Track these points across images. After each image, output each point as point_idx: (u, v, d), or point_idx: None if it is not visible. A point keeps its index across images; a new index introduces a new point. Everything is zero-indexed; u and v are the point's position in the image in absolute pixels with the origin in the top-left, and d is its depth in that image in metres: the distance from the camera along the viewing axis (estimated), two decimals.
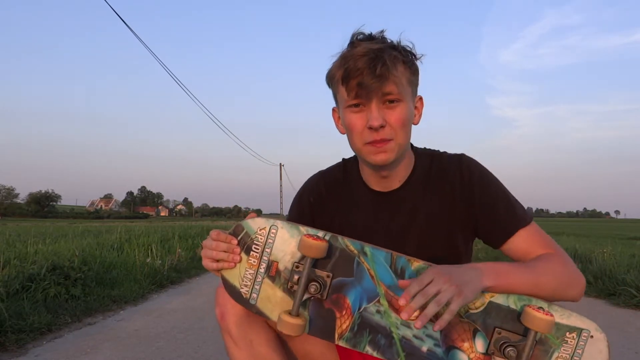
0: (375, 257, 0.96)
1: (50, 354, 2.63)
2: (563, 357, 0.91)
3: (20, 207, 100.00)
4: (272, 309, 0.97)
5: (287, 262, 0.97)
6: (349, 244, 0.97)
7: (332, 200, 1.17)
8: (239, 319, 1.02)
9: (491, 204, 1.06)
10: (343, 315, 0.96)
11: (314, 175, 1.23)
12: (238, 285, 0.97)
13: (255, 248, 0.97)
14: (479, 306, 0.93)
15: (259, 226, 0.98)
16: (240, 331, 1.02)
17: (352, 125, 1.02)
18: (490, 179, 1.09)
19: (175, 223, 21.06)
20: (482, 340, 0.93)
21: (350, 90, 0.99)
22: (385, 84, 0.97)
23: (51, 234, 10.87)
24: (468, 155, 1.13)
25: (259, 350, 1.03)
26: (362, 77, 0.96)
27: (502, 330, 0.92)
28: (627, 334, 3.31)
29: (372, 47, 0.98)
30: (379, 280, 0.95)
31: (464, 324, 0.93)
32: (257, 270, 0.97)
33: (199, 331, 3.19)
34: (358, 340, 0.95)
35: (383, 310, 0.95)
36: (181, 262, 6.63)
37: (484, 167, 1.11)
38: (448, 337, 0.94)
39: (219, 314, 1.04)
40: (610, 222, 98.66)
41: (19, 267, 4.18)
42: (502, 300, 0.93)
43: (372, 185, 1.13)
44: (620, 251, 7.43)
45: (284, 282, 0.96)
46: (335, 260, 0.96)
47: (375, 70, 0.96)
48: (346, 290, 0.96)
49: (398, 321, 0.94)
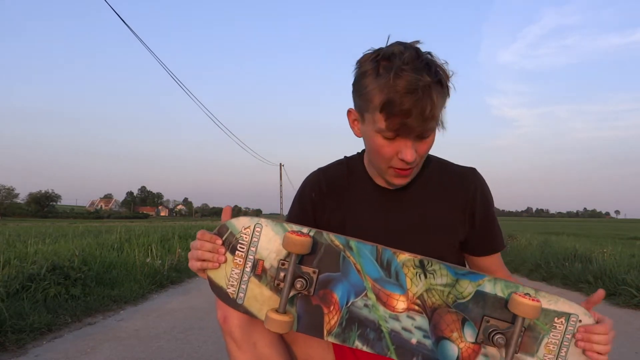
0: (360, 251, 0.96)
1: (50, 354, 2.63)
2: (553, 342, 0.91)
3: (20, 207, 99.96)
4: (259, 308, 0.96)
5: (272, 260, 0.96)
6: (334, 239, 0.97)
7: (334, 195, 1.17)
8: (241, 322, 1.01)
9: (489, 223, 1.14)
10: (331, 310, 0.95)
11: (314, 171, 1.22)
12: (225, 286, 0.97)
13: (240, 247, 0.97)
14: (467, 295, 0.93)
15: (243, 225, 0.97)
16: (244, 334, 1.01)
17: (381, 151, 1.00)
18: (492, 201, 1.17)
19: (175, 223, 21.07)
20: (471, 330, 0.93)
21: (391, 124, 0.94)
22: (429, 125, 0.95)
23: (51, 234, 10.87)
24: (479, 171, 1.17)
25: (262, 352, 1.02)
26: (408, 119, 0.92)
27: (491, 318, 0.92)
28: (627, 334, 3.31)
29: (419, 81, 0.90)
30: (365, 274, 0.95)
31: (452, 314, 0.93)
32: (242, 269, 0.96)
33: (199, 331, 3.19)
34: (347, 335, 0.95)
35: (371, 304, 0.95)
36: (181, 262, 6.63)
37: (489, 189, 1.17)
38: (437, 328, 0.93)
39: (221, 317, 1.02)
40: (610, 222, 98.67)
41: (19, 267, 4.18)
42: (489, 289, 0.93)
43: (378, 181, 1.14)
44: (620, 251, 7.43)
45: (271, 280, 0.96)
46: (320, 256, 0.96)
47: (424, 114, 0.92)
48: (333, 286, 0.96)
49: (386, 314, 0.94)
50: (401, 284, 0.95)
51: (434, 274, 0.95)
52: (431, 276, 0.94)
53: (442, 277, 0.94)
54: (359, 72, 1.00)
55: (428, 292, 0.94)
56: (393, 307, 0.94)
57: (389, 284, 0.95)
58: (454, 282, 0.94)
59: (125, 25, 9.24)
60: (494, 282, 0.93)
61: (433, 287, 0.94)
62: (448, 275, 0.94)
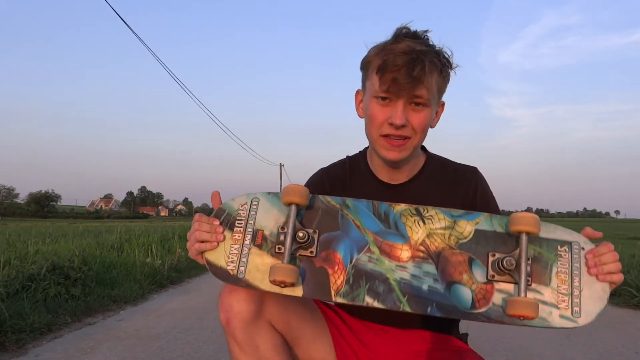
0: (357, 207, 0.97)
1: (50, 353, 2.63)
2: (563, 271, 0.90)
3: (20, 207, 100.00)
4: (261, 278, 0.94)
5: (272, 227, 0.96)
6: (330, 200, 0.98)
7: (336, 193, 1.17)
8: (245, 324, 1.00)
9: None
10: (336, 270, 0.94)
11: (316, 172, 1.25)
12: (224, 264, 0.95)
13: (238, 224, 0.97)
14: (467, 235, 0.93)
15: (240, 202, 0.98)
16: (247, 336, 1.01)
17: (374, 115, 1.05)
18: (492, 199, 1.18)
19: (175, 223, 21.08)
20: (480, 269, 0.92)
21: (383, 82, 1.00)
22: (417, 87, 0.99)
23: (51, 234, 10.88)
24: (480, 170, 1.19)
25: (265, 355, 1.02)
26: (398, 74, 0.98)
27: (496, 253, 0.92)
28: (627, 334, 3.31)
29: (415, 47, 0.99)
30: (365, 229, 0.95)
31: (458, 255, 0.93)
32: (242, 243, 0.96)
33: (199, 331, 3.19)
34: (356, 293, 0.93)
35: (375, 257, 0.94)
36: (181, 262, 6.64)
37: (490, 187, 1.19)
38: (445, 272, 0.92)
39: (224, 319, 1.01)
40: (610, 222, 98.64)
41: (19, 267, 4.18)
42: (487, 226, 0.93)
43: (380, 176, 1.16)
44: (620, 251, 7.36)
45: (271, 247, 0.95)
46: (319, 218, 0.97)
47: (412, 71, 0.97)
48: (335, 245, 0.95)
49: (392, 265, 0.93)
50: (402, 233, 0.95)
51: (432, 219, 0.95)
52: (429, 221, 0.95)
53: (440, 221, 0.95)
54: (368, 52, 1.08)
55: (429, 237, 0.94)
56: (398, 257, 0.94)
57: (390, 235, 0.95)
58: (452, 224, 0.95)
59: (125, 25, 9.25)
60: (490, 218, 0.95)
61: (433, 232, 0.94)
62: (445, 218, 0.95)
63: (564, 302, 0.89)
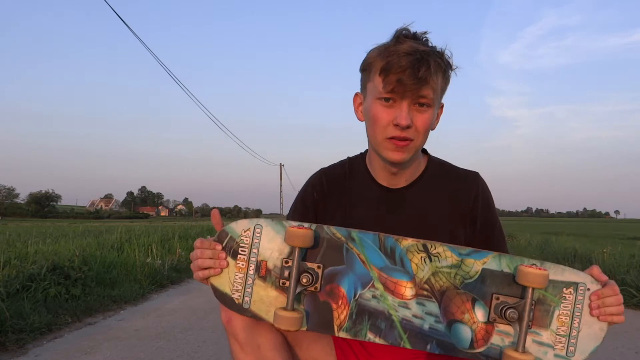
0: (363, 241, 0.95)
1: (51, 353, 2.63)
2: (564, 314, 0.91)
3: (20, 207, 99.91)
4: (266, 310, 0.95)
5: (275, 259, 0.95)
6: (336, 232, 0.96)
7: (335, 195, 1.18)
8: (246, 324, 1.00)
9: (490, 227, 1.15)
10: (340, 305, 0.94)
11: (316, 172, 1.24)
12: (229, 292, 0.96)
13: (242, 251, 0.96)
14: (474, 275, 0.93)
15: (243, 228, 0.96)
16: (248, 336, 1.01)
17: (378, 117, 1.03)
18: (494, 206, 1.18)
19: (175, 223, 21.05)
20: (482, 309, 0.92)
21: (388, 84, 0.99)
22: (423, 88, 0.99)
23: (51, 234, 10.87)
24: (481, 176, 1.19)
25: (266, 355, 1.02)
26: (403, 75, 0.97)
27: (500, 295, 0.91)
28: (627, 334, 3.31)
29: (418, 47, 0.99)
30: (370, 264, 0.94)
31: (462, 295, 0.93)
32: (246, 272, 0.95)
33: (199, 331, 3.19)
34: (358, 328, 0.93)
35: (379, 294, 0.93)
36: (181, 262, 6.64)
37: (491, 193, 1.19)
38: (448, 311, 0.92)
39: (225, 318, 1.02)
40: (610, 222, 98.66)
41: (19, 267, 4.18)
42: (495, 266, 0.92)
43: (380, 180, 1.15)
44: (620, 251, 7.42)
45: (275, 280, 0.95)
46: (324, 251, 0.95)
47: (418, 72, 0.97)
48: (339, 279, 0.94)
49: (395, 303, 0.93)
50: (407, 270, 0.94)
51: (439, 256, 0.94)
52: (436, 259, 0.94)
53: (447, 259, 0.94)
54: (367, 54, 1.07)
55: (435, 276, 0.93)
56: (401, 294, 0.93)
57: (395, 272, 0.94)
58: (459, 262, 0.93)
59: (125, 25, 9.25)
60: (498, 258, 0.93)
61: (439, 270, 0.93)
62: (452, 256, 0.94)
63: (561, 343, 0.90)
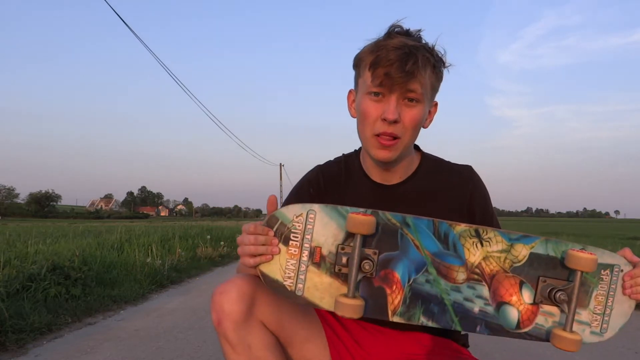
0: (417, 226, 0.96)
1: (51, 353, 2.63)
2: (601, 294, 0.95)
3: (20, 207, 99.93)
4: (320, 296, 0.94)
5: (330, 245, 0.94)
6: (391, 217, 0.96)
7: (331, 193, 1.18)
8: (236, 325, 1.00)
9: (487, 220, 1.15)
10: (394, 290, 0.95)
11: (312, 169, 1.24)
12: (281, 279, 0.94)
13: (294, 237, 0.94)
14: (522, 259, 0.95)
15: (295, 213, 0.94)
16: (238, 336, 1.00)
17: (367, 112, 1.04)
18: (489, 198, 1.18)
19: (175, 223, 21.06)
20: (529, 291, 0.95)
21: (376, 77, 1.00)
22: (410, 81, 0.99)
23: (51, 234, 10.86)
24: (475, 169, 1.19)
25: (257, 355, 1.02)
26: (391, 69, 0.98)
27: (547, 278, 0.95)
28: (627, 334, 3.30)
29: (407, 42, 1.00)
30: (424, 250, 0.95)
31: (510, 279, 0.95)
32: (299, 259, 0.94)
33: (199, 331, 3.19)
34: (412, 312, 0.95)
35: (432, 278, 0.95)
36: (181, 262, 6.63)
37: (485, 186, 1.19)
38: (497, 294, 0.95)
39: (216, 319, 1.01)
40: (610, 222, 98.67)
41: (19, 267, 4.18)
42: (542, 250, 0.96)
43: (374, 177, 1.15)
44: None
45: (330, 266, 0.94)
46: (379, 236, 0.95)
47: (405, 65, 0.97)
48: (393, 265, 0.95)
49: (448, 287, 0.95)
50: (459, 255, 0.96)
51: (490, 241, 0.96)
52: (487, 244, 0.96)
53: (497, 244, 0.96)
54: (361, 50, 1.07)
55: (485, 260, 0.96)
56: (454, 279, 0.95)
57: (448, 257, 0.96)
58: (509, 247, 0.96)
59: (125, 25, 9.25)
60: (545, 243, 0.96)
61: (490, 255, 0.96)
62: (503, 241, 0.96)
63: (596, 321, 0.96)
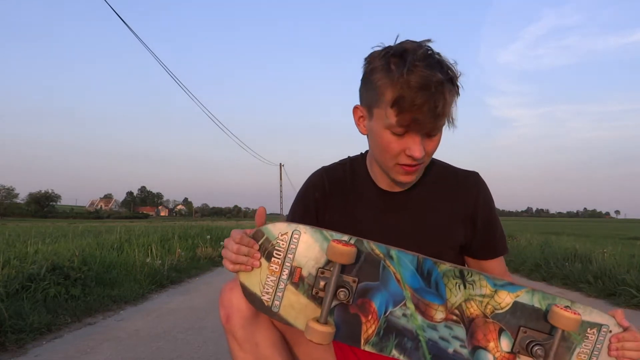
0: (401, 260, 0.95)
1: (50, 353, 2.63)
2: (584, 352, 0.93)
3: (20, 207, 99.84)
4: (295, 316, 0.95)
5: (311, 267, 0.94)
6: (375, 248, 0.95)
7: (336, 196, 1.17)
8: (244, 321, 1.00)
9: (491, 228, 1.14)
10: (369, 320, 0.94)
11: (317, 170, 1.22)
12: (259, 293, 0.95)
13: (276, 254, 0.95)
14: (505, 306, 0.94)
15: (280, 231, 0.95)
16: (246, 333, 1.01)
17: (389, 147, 0.99)
18: (494, 206, 1.17)
19: (175, 223, 21.03)
20: (507, 340, 0.93)
21: (402, 120, 0.94)
22: (439, 122, 0.96)
23: (51, 234, 10.86)
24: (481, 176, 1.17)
25: (264, 353, 1.02)
26: (419, 114, 0.92)
27: (528, 329, 0.93)
28: None
29: (432, 77, 0.91)
30: (405, 284, 0.94)
31: (490, 324, 0.94)
32: (279, 277, 0.95)
33: (199, 331, 3.19)
34: (384, 344, 0.94)
35: (409, 313, 0.94)
36: (181, 262, 6.62)
37: (491, 193, 1.18)
38: (474, 338, 0.94)
39: (224, 316, 1.01)
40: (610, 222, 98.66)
41: (18, 267, 4.17)
42: (527, 300, 0.94)
43: (380, 183, 1.14)
44: (620, 251, 7.42)
45: (308, 288, 0.94)
46: (360, 265, 0.94)
47: (435, 110, 0.92)
48: (372, 295, 0.95)
49: (424, 324, 0.94)
50: (441, 294, 0.95)
51: (473, 284, 0.95)
52: (470, 287, 0.95)
53: (481, 288, 0.95)
54: (368, 68, 1.00)
55: (467, 302, 0.95)
56: (431, 316, 0.94)
57: (429, 294, 0.95)
58: (492, 292, 0.95)
59: (124, 24, 9.25)
60: (531, 293, 0.94)
61: (472, 298, 0.95)
62: (487, 286, 0.95)
63: None
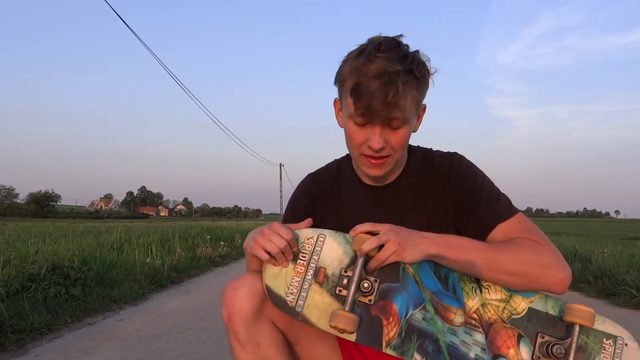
0: (420, 262, 0.96)
1: (50, 353, 2.63)
2: None
3: (20, 207, 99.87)
4: (318, 315, 0.96)
5: (335, 268, 0.98)
6: None
7: (325, 199, 1.18)
8: (246, 321, 1.00)
9: (476, 199, 1.06)
10: (390, 322, 0.94)
11: (305, 178, 1.25)
12: (284, 294, 0.97)
13: (302, 257, 0.98)
14: (521, 311, 0.95)
15: (306, 236, 1.00)
16: (248, 333, 1.01)
17: (353, 137, 1.03)
18: (478, 175, 1.09)
19: (175, 223, 21.04)
20: (527, 347, 0.94)
21: (358, 108, 0.97)
22: (393, 111, 0.96)
23: (51, 234, 10.86)
24: (460, 154, 1.14)
25: (266, 352, 1.02)
26: (372, 101, 0.95)
27: (545, 335, 0.94)
28: None
29: (387, 68, 0.94)
30: (424, 286, 0.95)
31: (508, 330, 0.95)
32: (304, 277, 0.97)
33: (199, 331, 3.19)
34: (406, 347, 0.94)
35: (429, 317, 0.95)
36: (181, 262, 6.63)
37: (473, 164, 1.12)
38: (494, 344, 0.94)
39: (226, 315, 1.01)
40: (610, 222, 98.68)
41: (19, 267, 4.17)
42: (540, 306, 0.96)
43: (365, 179, 1.15)
44: (620, 251, 7.43)
45: (332, 287, 0.96)
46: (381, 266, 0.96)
47: (386, 97, 0.94)
48: (392, 297, 0.95)
49: (444, 328, 0.94)
50: (458, 297, 0.96)
51: (489, 288, 0.97)
52: (486, 291, 0.96)
53: (496, 292, 0.96)
54: (342, 61, 1.04)
55: (484, 307, 0.96)
56: (451, 320, 0.95)
57: (447, 297, 0.95)
58: (507, 297, 0.96)
59: (126, 26, 9.24)
60: (545, 299, 0.96)
61: (488, 302, 0.96)
62: (502, 290, 0.96)
63: None
